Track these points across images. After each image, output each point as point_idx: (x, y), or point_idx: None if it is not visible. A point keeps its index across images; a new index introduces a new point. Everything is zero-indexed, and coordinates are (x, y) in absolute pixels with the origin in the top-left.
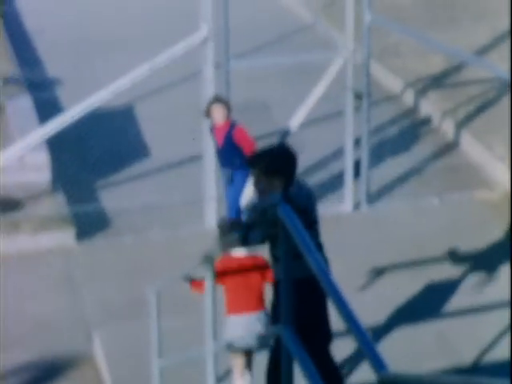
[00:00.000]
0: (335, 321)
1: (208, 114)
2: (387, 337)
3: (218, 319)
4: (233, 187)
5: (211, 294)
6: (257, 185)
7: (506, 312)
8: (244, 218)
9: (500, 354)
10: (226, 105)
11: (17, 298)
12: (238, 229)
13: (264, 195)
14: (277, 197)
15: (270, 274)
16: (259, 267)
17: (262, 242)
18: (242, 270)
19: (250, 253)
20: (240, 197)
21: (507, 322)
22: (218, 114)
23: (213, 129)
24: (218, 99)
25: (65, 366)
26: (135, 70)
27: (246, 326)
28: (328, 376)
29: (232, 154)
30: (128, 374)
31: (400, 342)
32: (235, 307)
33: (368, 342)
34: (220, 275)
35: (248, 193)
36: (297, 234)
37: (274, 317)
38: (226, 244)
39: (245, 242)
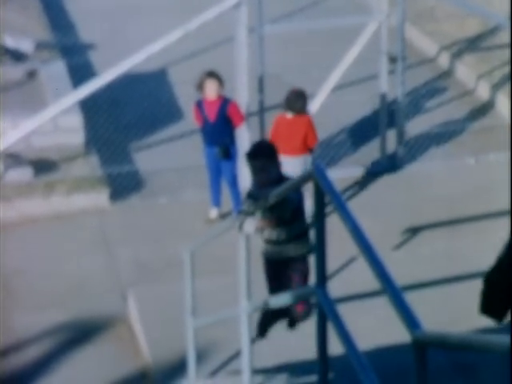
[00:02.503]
0: (370, 280)
1: (200, 88)
2: (422, 296)
3: (252, 279)
4: (230, 162)
5: (245, 255)
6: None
7: None
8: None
9: None
10: (219, 80)
11: (52, 259)
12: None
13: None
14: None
15: (313, 132)
16: (304, 124)
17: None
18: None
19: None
20: (237, 170)
21: None
22: (211, 89)
23: (202, 103)
24: (211, 74)
25: (100, 326)
26: (169, 34)
27: (293, 163)
28: None
29: (224, 129)
30: (162, 334)
31: (435, 302)
32: (285, 150)
33: (402, 302)
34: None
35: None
36: (332, 195)
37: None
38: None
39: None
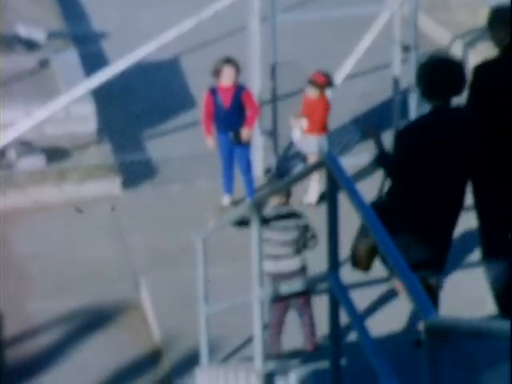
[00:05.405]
0: (383, 266)
1: (217, 74)
2: None
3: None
4: (244, 148)
5: (258, 241)
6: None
7: None
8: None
9: None
10: (237, 66)
11: (64, 246)
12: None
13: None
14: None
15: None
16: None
17: None
18: (313, 104)
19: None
20: (251, 156)
21: None
22: (229, 75)
23: (216, 90)
24: (229, 60)
25: (112, 313)
26: (182, 23)
27: (318, 141)
28: None
29: (238, 116)
30: (175, 320)
31: (449, 288)
32: (311, 130)
33: (415, 287)
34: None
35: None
36: (344, 182)
37: None
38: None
39: None
